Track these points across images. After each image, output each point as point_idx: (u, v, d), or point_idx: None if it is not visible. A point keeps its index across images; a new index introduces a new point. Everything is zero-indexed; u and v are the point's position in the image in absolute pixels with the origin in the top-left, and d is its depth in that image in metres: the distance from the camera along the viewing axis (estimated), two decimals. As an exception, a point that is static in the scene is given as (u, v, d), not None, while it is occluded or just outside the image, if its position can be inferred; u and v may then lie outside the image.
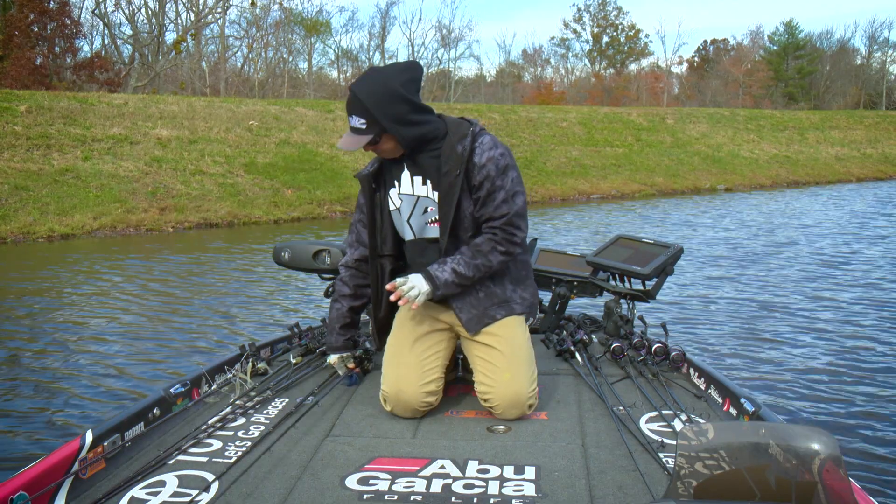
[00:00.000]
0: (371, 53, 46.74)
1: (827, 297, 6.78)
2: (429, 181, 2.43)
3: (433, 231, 2.45)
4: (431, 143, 2.41)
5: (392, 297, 2.37)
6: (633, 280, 3.32)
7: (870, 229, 11.88)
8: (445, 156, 2.37)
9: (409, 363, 2.43)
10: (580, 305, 4.92)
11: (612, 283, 3.41)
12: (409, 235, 2.51)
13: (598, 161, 22.02)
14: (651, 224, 13.46)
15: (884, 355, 4.98)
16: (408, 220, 2.49)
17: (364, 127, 2.33)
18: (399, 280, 2.38)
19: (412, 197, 2.46)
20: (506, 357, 2.42)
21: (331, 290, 3.40)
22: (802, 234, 11.36)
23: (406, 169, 2.46)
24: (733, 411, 2.37)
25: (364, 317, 3.58)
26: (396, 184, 2.49)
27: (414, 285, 2.36)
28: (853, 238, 10.88)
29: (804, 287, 7.30)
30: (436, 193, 2.41)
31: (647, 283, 3.26)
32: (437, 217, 2.43)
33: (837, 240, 10.70)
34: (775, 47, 53.34)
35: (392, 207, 2.52)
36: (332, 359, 2.72)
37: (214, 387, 2.64)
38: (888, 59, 53.24)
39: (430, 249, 2.47)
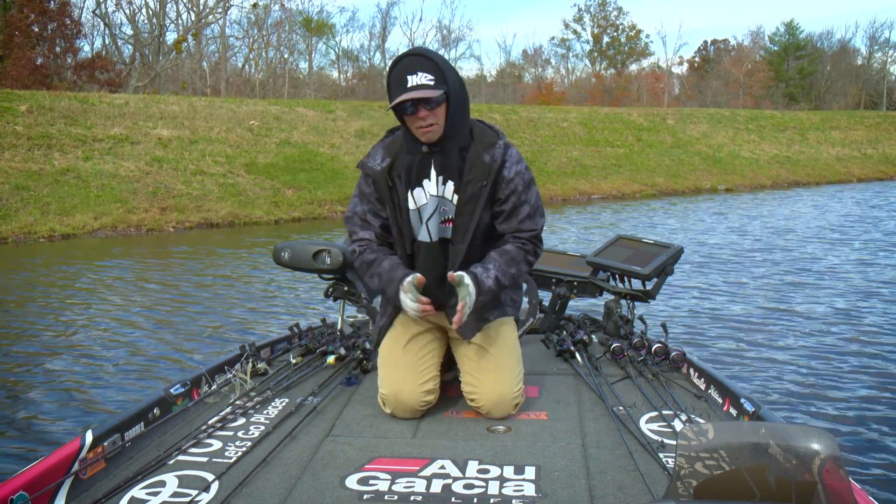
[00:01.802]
0: (371, 53, 46.78)
1: (827, 299, 6.78)
2: (450, 182, 2.34)
3: (446, 231, 2.39)
4: (460, 141, 2.32)
5: (454, 321, 2.25)
6: (633, 280, 3.32)
7: (871, 231, 11.87)
8: (471, 162, 2.31)
9: (406, 364, 2.42)
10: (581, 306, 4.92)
11: (612, 283, 3.41)
12: (424, 237, 2.40)
13: (598, 161, 22.02)
14: (651, 225, 13.45)
15: (883, 356, 4.98)
16: (427, 221, 2.38)
17: (432, 83, 2.18)
18: (466, 309, 2.24)
19: (437, 198, 2.36)
20: (492, 357, 2.42)
21: (331, 290, 3.40)
22: (802, 236, 11.35)
23: (433, 168, 2.34)
24: (733, 411, 2.37)
25: (364, 317, 3.59)
26: (426, 183, 2.35)
27: (471, 307, 2.26)
28: (853, 240, 10.87)
29: (804, 289, 7.30)
30: (455, 196, 2.34)
31: (647, 283, 3.26)
32: (449, 217, 2.36)
33: (837, 243, 10.69)
34: (776, 47, 53.29)
35: (412, 207, 2.38)
36: (407, 282, 2.31)
37: (214, 387, 2.64)
38: (889, 60, 53.27)
39: (444, 252, 2.39)
